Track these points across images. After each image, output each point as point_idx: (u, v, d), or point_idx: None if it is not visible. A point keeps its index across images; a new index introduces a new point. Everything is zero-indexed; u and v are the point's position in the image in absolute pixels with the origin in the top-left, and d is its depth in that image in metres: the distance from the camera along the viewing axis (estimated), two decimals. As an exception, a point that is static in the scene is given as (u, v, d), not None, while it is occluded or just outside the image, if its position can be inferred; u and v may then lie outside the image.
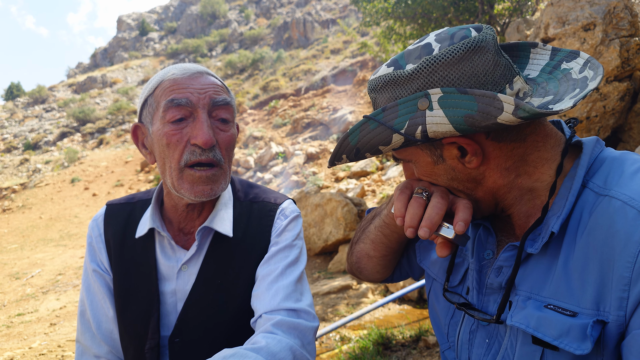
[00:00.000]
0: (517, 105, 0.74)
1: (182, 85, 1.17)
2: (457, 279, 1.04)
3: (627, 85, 5.40)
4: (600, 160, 0.86)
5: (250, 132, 20.38)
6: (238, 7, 57.57)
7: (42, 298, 8.24)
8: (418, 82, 0.83)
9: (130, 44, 57.99)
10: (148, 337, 1.23)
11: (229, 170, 1.24)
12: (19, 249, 14.12)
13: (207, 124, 1.16)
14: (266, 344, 1.03)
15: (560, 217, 0.82)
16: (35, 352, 5.14)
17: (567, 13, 5.58)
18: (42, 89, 43.66)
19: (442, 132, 0.80)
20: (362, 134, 0.88)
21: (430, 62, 0.82)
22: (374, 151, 0.88)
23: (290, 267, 1.24)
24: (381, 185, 11.54)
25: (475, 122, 0.78)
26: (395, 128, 0.83)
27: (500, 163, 0.88)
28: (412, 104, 0.81)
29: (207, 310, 1.24)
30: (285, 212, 1.34)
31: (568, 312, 0.77)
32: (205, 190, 1.18)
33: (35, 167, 27.01)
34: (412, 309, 5.10)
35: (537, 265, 0.85)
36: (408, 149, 0.93)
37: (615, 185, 0.79)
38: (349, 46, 30.94)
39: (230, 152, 1.24)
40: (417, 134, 0.82)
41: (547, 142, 0.89)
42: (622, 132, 5.89)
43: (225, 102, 1.20)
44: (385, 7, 10.06)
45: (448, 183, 0.93)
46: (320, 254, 7.65)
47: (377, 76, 0.90)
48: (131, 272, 1.29)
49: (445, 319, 1.06)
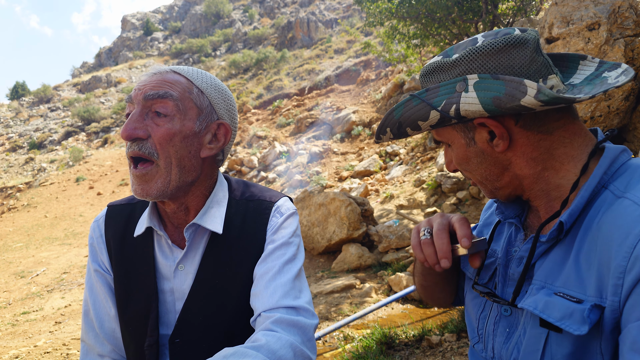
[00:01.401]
0: (539, 89, 0.82)
1: (138, 83, 1.21)
2: (487, 275, 1.10)
3: (631, 84, 5.38)
4: (627, 166, 0.91)
5: (254, 131, 20.40)
6: (242, 6, 57.59)
7: (47, 296, 8.28)
8: (460, 68, 0.93)
9: (134, 44, 58.12)
10: (147, 334, 1.24)
11: (169, 167, 1.19)
12: (24, 248, 14.19)
13: (134, 117, 1.16)
14: (266, 342, 1.04)
15: (569, 209, 0.88)
16: (41, 350, 5.17)
17: (571, 12, 5.57)
18: (47, 89, 43.82)
19: (472, 112, 0.90)
20: (405, 109, 0.98)
21: (472, 52, 0.92)
22: (414, 126, 0.98)
23: (287, 264, 1.25)
24: (385, 185, 11.54)
25: (502, 104, 0.86)
26: (433, 105, 0.93)
27: (526, 151, 0.95)
28: (452, 86, 0.92)
29: (206, 310, 1.25)
30: (281, 209, 1.34)
31: (574, 299, 0.83)
32: (137, 190, 1.19)
33: (40, 166, 27.13)
34: (415, 308, 5.10)
35: (555, 257, 0.91)
36: (446, 130, 1.01)
37: (633, 189, 0.84)
38: (353, 46, 30.92)
39: (168, 147, 1.17)
40: (451, 112, 0.91)
41: (574, 140, 0.94)
42: (627, 132, 5.88)
43: (157, 95, 1.16)
44: (389, 7, 10.05)
45: (477, 168, 1.01)
46: (324, 253, 7.66)
47: (429, 63, 1.00)
48: (131, 270, 1.30)
49: (476, 313, 1.12)
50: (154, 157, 1.17)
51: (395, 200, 9.74)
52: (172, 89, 1.19)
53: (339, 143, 16.58)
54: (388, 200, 9.97)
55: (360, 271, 6.71)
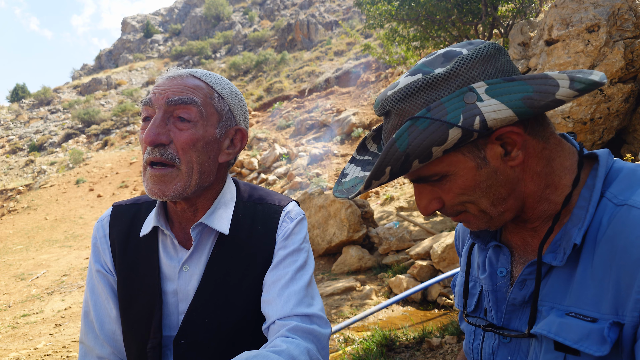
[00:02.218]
0: (572, 78, 0.76)
1: (157, 86, 1.19)
2: (473, 302, 1.05)
3: (631, 86, 5.39)
4: (615, 170, 0.87)
5: (254, 133, 20.42)
6: (242, 9, 57.68)
7: (47, 299, 8.28)
8: (457, 80, 0.82)
9: (134, 46, 58.19)
10: (150, 336, 1.23)
11: (191, 172, 1.19)
12: (24, 250, 14.19)
13: (157, 122, 1.15)
14: (287, 348, 1.04)
15: (582, 229, 0.82)
16: (41, 352, 5.17)
17: (571, 15, 5.58)
18: (47, 91, 43.88)
19: (502, 119, 0.78)
20: (412, 137, 0.79)
21: (465, 61, 0.82)
22: (425, 155, 0.80)
23: (299, 271, 1.25)
24: (385, 187, 11.54)
25: (535, 103, 0.77)
26: (452, 122, 0.78)
27: (533, 165, 0.87)
28: (459, 99, 0.79)
29: (212, 312, 1.24)
30: (291, 214, 1.33)
31: (589, 319, 0.78)
32: (154, 189, 1.17)
33: (40, 169, 27.14)
34: (415, 310, 5.10)
35: (559, 276, 0.86)
36: (447, 158, 0.85)
37: (633, 194, 0.80)
38: (353, 48, 30.97)
39: (190, 152, 1.18)
40: (475, 125, 0.78)
41: (564, 148, 0.90)
42: (627, 134, 5.88)
43: (181, 100, 1.17)
44: (389, 9, 10.06)
45: (485, 194, 0.87)
46: (324, 255, 7.66)
47: (402, 87, 0.85)
48: (134, 271, 1.30)
49: (468, 343, 1.08)
50: (176, 162, 1.17)
51: (396, 202, 9.74)
52: (194, 95, 1.19)
53: (339, 145, 16.59)
54: (388, 202, 9.97)
55: (361, 273, 6.71)
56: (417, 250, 6.09)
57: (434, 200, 0.91)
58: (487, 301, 1.01)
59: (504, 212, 0.89)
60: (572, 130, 5.63)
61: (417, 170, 0.87)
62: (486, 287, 1.01)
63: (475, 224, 0.93)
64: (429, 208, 0.92)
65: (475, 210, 0.90)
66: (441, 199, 0.91)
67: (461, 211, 0.92)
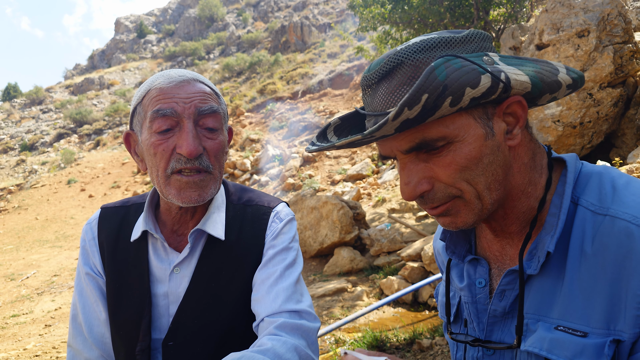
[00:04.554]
0: (567, 67, 0.79)
1: (168, 94, 1.16)
2: (452, 312, 1.04)
3: (620, 91, 5.46)
4: (585, 175, 0.86)
5: (247, 134, 20.39)
6: (236, 10, 57.60)
7: (37, 299, 8.22)
8: (472, 45, 0.79)
9: (128, 46, 57.93)
10: (139, 339, 1.23)
11: (219, 175, 1.24)
12: (15, 250, 14.07)
13: (193, 133, 1.15)
14: (272, 346, 1.05)
15: (554, 237, 0.81)
16: (30, 353, 5.14)
17: (561, 20, 5.64)
18: (39, 90, 43.55)
19: (521, 82, 0.75)
20: (449, 70, 0.70)
21: (476, 33, 0.81)
22: (458, 95, 0.71)
23: (288, 269, 1.25)
24: (377, 189, 11.57)
25: (545, 78, 0.78)
26: (484, 67, 0.72)
27: (522, 154, 0.86)
28: (479, 58, 0.76)
29: (201, 314, 1.24)
30: (280, 215, 1.34)
31: (579, 333, 0.76)
32: (193, 196, 1.18)
33: (31, 168, 26.93)
34: (406, 312, 5.12)
35: (541, 286, 0.84)
36: (459, 120, 0.78)
37: (612, 202, 0.79)
38: (346, 50, 31.00)
39: (220, 158, 1.23)
40: (502, 77, 0.73)
41: (539, 146, 0.90)
42: (615, 138, 5.95)
43: (212, 110, 1.19)
44: (382, 13, 10.11)
45: (486, 170, 0.81)
46: (316, 257, 7.67)
47: (417, 41, 0.79)
48: (124, 274, 1.29)
49: (453, 354, 1.07)
50: (210, 169, 1.20)
51: (387, 204, 9.77)
52: (215, 102, 1.23)
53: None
54: (380, 204, 10.00)
55: (352, 274, 6.73)
56: (409, 251, 6.12)
57: (424, 180, 0.82)
58: (467, 312, 0.99)
59: (494, 201, 0.84)
60: (562, 133, 5.69)
61: (426, 130, 0.78)
62: (465, 298, 0.99)
63: (464, 215, 0.84)
64: (417, 189, 0.82)
65: (471, 194, 0.82)
66: (432, 179, 0.82)
67: (454, 196, 0.83)
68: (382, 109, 0.81)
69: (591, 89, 5.49)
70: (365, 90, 0.85)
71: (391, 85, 0.79)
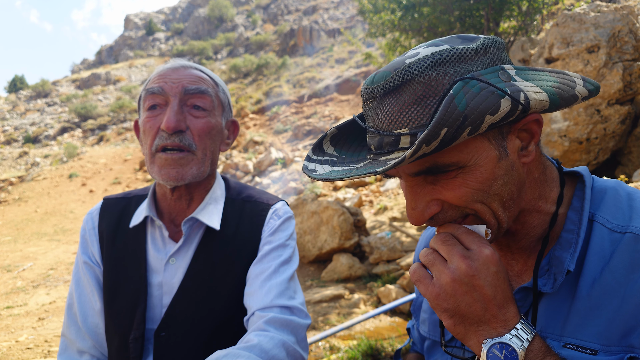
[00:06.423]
0: (583, 78, 0.76)
1: (162, 76, 1.23)
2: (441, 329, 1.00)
3: (628, 108, 5.42)
4: (598, 190, 0.83)
5: (251, 136, 20.40)
6: (245, 12, 57.85)
7: (32, 292, 8.19)
8: (487, 58, 0.73)
9: (136, 43, 58.20)
10: (133, 327, 1.24)
11: (204, 158, 1.26)
12: (13, 242, 14.06)
13: (175, 109, 1.19)
14: (258, 342, 1.04)
15: (575, 255, 0.78)
16: (22, 345, 5.10)
17: (571, 34, 5.61)
18: (46, 83, 43.75)
19: (539, 101, 0.71)
20: (469, 97, 0.66)
21: (491, 42, 0.75)
22: (477, 124, 0.67)
23: (283, 265, 1.26)
24: (379, 197, 11.53)
25: (562, 94, 0.73)
26: (504, 90, 0.68)
27: (533, 169, 0.82)
28: (494, 75, 0.70)
29: (194, 305, 1.25)
30: (279, 212, 1.35)
31: (588, 351, 0.74)
32: (171, 173, 1.20)
33: (33, 161, 26.98)
34: (403, 321, 5.07)
35: (550, 303, 0.81)
36: (473, 143, 0.73)
37: (631, 219, 0.77)
38: (354, 56, 31.08)
39: (206, 139, 1.25)
40: (521, 99, 0.69)
41: (545, 157, 0.87)
42: (622, 155, 5.90)
43: (198, 90, 1.24)
44: (392, 19, 10.11)
45: (500, 191, 0.77)
46: (314, 262, 7.62)
47: (427, 54, 0.72)
48: (121, 263, 1.31)
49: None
50: (192, 148, 1.22)
51: (389, 212, 9.73)
52: (207, 85, 1.26)
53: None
54: (381, 212, 9.96)
55: (350, 282, 6.68)
56: (408, 261, 6.07)
57: (432, 202, 0.78)
58: None
59: (510, 219, 0.80)
60: (568, 149, 5.65)
61: (437, 156, 0.74)
62: None
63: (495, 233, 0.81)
64: (426, 213, 0.78)
65: (486, 213, 0.78)
66: (441, 201, 0.78)
67: (467, 215, 0.79)
68: (389, 128, 0.75)
69: (599, 105, 5.45)
70: (367, 102, 0.79)
71: (399, 103, 0.73)
